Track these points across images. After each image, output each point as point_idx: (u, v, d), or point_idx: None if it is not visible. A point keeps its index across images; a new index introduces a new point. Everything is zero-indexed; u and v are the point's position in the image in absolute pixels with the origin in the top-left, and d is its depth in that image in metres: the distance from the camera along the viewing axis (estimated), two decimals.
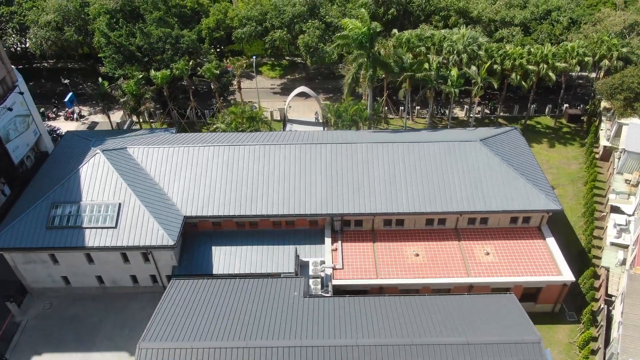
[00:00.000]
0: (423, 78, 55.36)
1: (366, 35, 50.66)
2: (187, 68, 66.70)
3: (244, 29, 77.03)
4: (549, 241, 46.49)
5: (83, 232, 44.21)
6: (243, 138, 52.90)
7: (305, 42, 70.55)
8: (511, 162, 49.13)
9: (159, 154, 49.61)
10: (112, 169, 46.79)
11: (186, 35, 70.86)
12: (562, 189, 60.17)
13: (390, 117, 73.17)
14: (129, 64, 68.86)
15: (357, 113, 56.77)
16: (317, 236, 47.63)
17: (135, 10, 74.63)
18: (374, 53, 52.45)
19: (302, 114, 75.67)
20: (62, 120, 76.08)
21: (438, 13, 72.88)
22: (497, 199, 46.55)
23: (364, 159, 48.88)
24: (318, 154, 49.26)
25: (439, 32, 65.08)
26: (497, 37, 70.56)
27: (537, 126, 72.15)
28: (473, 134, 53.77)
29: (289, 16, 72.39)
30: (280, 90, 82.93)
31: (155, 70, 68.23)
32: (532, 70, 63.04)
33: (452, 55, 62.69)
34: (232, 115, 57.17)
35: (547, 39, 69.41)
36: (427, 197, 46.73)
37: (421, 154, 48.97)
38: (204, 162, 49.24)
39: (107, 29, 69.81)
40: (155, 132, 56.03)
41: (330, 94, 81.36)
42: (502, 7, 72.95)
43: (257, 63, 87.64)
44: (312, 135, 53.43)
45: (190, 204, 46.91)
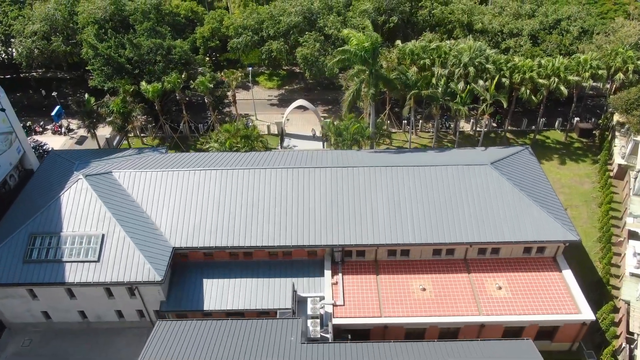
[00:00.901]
0: (429, 95, 52.07)
1: (369, 51, 47.36)
2: (179, 81, 63.33)
3: (240, 38, 73.70)
4: (566, 274, 43.19)
5: (63, 266, 40.90)
6: (237, 160, 49.60)
7: (303, 55, 67.18)
8: (524, 187, 45.83)
9: (146, 178, 46.27)
10: (95, 196, 43.48)
11: (178, 46, 67.50)
12: (576, 211, 56.87)
13: (393, 131, 69.91)
14: (118, 77, 65.52)
15: (359, 132, 53.46)
16: (316, 267, 44.32)
17: (125, 19, 71.28)
18: (377, 69, 49.13)
19: (301, 128, 72.38)
20: (49, 134, 72.73)
21: (443, 25, 69.51)
22: (510, 228, 43.24)
23: (366, 184, 45.58)
24: (317, 179, 45.94)
25: (445, 43, 61.74)
26: (503, 48, 67.20)
27: (546, 141, 68.84)
28: (482, 155, 50.48)
29: (284, 26, 69.01)
30: (278, 101, 79.60)
31: (147, 83, 64.95)
32: (542, 84, 59.72)
33: (457, 69, 59.36)
34: (226, 133, 53.83)
35: (557, 50, 66.06)
36: (434, 226, 43.43)
37: (427, 179, 45.66)
38: (194, 187, 45.91)
39: (96, 39, 66.44)
40: (144, 152, 52.69)
41: (329, 105, 78.06)
42: (509, 18, 69.54)
43: (253, 72, 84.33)
44: (310, 157, 50.11)
45: (180, 234, 43.59)
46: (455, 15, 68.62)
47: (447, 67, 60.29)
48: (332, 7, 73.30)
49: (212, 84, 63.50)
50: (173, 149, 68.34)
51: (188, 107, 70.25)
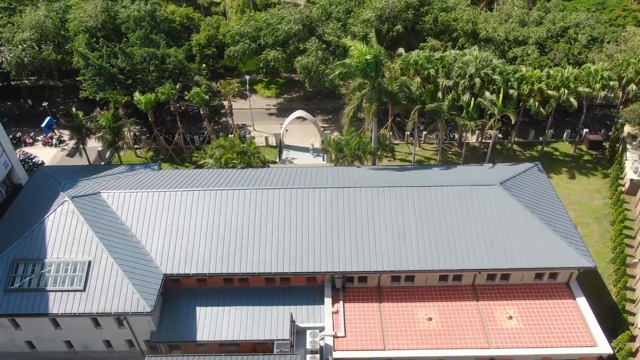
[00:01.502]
0: (434, 110, 49.65)
1: (371, 64, 44.92)
2: (173, 92, 60.90)
3: (237, 46, 71.22)
4: (580, 302, 40.79)
5: (46, 296, 38.49)
6: (232, 179, 47.22)
7: (303, 65, 64.67)
8: (535, 209, 43.41)
9: (136, 199, 43.83)
10: (81, 219, 41.06)
11: (172, 54, 65.04)
12: (587, 229, 54.47)
13: (396, 142, 67.48)
14: (110, 87, 63.05)
15: (360, 147, 51.05)
16: (315, 294, 41.93)
17: (117, 27, 68.82)
18: (380, 82, 46.70)
19: (300, 139, 69.94)
20: (40, 145, 70.29)
21: (447, 33, 67.02)
22: (521, 253, 40.82)
23: (368, 206, 43.15)
24: (316, 200, 43.51)
25: (449, 53, 59.28)
26: (510, 56, 64.73)
27: (554, 153, 66.41)
28: (490, 173, 48.07)
29: (282, 35, 66.53)
30: (276, 111, 77.14)
31: (140, 93, 62.50)
32: (552, 95, 57.30)
33: (463, 80, 56.92)
34: (221, 149, 51.39)
35: (565, 59, 63.61)
36: (441, 251, 41.01)
37: (433, 200, 43.23)
38: (187, 209, 43.48)
39: (87, 49, 64.05)
40: (136, 169, 50.27)
41: (329, 114, 75.61)
42: (515, 25, 67.06)
43: (251, 80, 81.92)
44: (309, 175, 47.66)
45: (171, 260, 41.16)
46: (460, 24, 66.13)
47: (452, 78, 57.88)
48: (331, 14, 70.88)
49: (208, 95, 61.02)
50: (167, 162, 65.99)
51: (183, 117, 67.85)
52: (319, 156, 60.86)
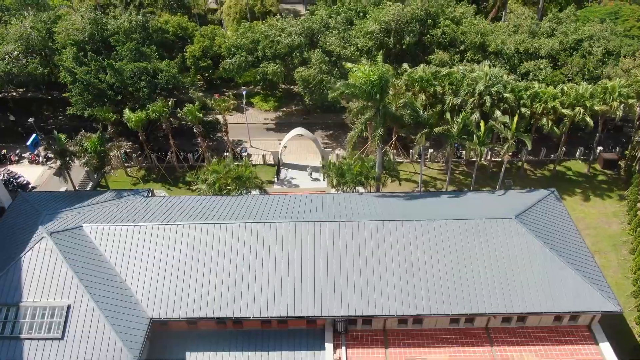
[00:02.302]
0: (443, 133, 46.32)
1: (376, 86, 41.58)
2: (165, 110, 57.56)
3: (233, 59, 67.86)
4: (603, 347, 37.41)
5: (21, 345, 35.11)
6: (226, 208, 43.85)
7: (304, 77, 61.27)
8: (555, 244, 40.02)
9: (121, 234, 40.43)
10: (60, 258, 37.65)
11: (165, 69, 61.66)
12: (604, 258, 51.14)
13: (400, 160, 64.12)
14: (99, 104, 59.74)
15: (364, 171, 47.71)
16: (316, 339, 38.50)
17: (107, 40, 65.42)
18: (385, 105, 43.33)
19: (299, 156, 66.62)
20: (26, 164, 66.93)
21: (455, 46, 63.63)
22: (539, 296, 37.42)
23: (373, 241, 39.74)
24: (316, 236, 40.08)
25: (457, 69, 55.95)
26: (521, 71, 61.39)
27: (567, 173, 63.08)
28: (503, 202, 44.71)
29: (284, 48, 63.12)
30: (275, 125, 73.77)
31: (130, 110, 59.24)
32: (566, 114, 53.99)
33: (472, 98, 53.61)
34: (215, 175, 48.03)
35: (580, 75, 60.24)
36: (452, 292, 37.60)
37: (444, 235, 39.83)
38: (177, 245, 40.06)
39: (75, 63, 60.70)
40: (124, 196, 46.88)
41: (330, 130, 72.27)
42: (525, 37, 63.67)
43: (248, 92, 78.59)
44: (308, 204, 44.24)
45: (159, 302, 37.74)
46: (468, 37, 62.73)
47: (460, 96, 54.57)
48: (329, 25, 67.48)
49: (202, 113, 57.68)
50: (159, 182, 62.69)
51: (177, 133, 64.38)
52: (318, 180, 57.54)
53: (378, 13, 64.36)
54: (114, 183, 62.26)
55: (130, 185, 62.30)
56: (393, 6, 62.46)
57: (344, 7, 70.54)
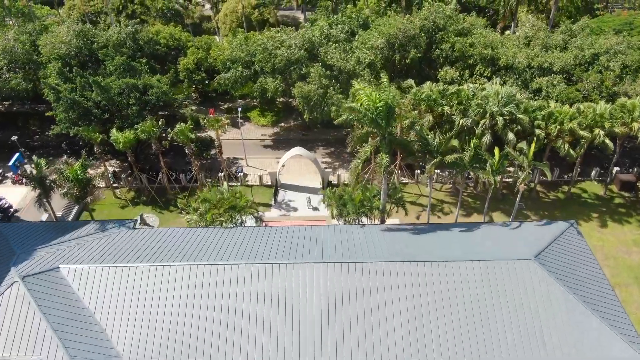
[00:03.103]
0: (453, 163, 42.76)
1: (382, 112, 37.99)
2: (154, 130, 53.99)
3: (228, 74, 64.25)
4: None
5: None
6: (217, 244, 40.27)
7: (303, 93, 57.67)
8: (578, 288, 36.43)
9: (102, 276, 36.83)
10: (33, 306, 34.11)
11: (155, 85, 58.04)
12: (625, 291, 47.60)
13: (404, 181, 60.59)
14: (85, 123, 56.13)
15: (367, 202, 44.15)
16: None
17: (94, 53, 61.78)
18: (391, 132, 39.73)
19: (298, 176, 63.01)
20: (9, 184, 63.31)
21: (463, 60, 59.97)
22: (562, 347, 33.89)
23: (379, 285, 36.11)
24: (316, 278, 36.46)
25: (467, 87, 52.36)
26: (534, 88, 57.78)
27: (582, 195, 59.50)
28: (519, 237, 41.06)
29: (282, 62, 59.48)
30: (272, 142, 70.16)
31: (119, 129, 55.72)
32: (584, 137, 50.42)
33: (483, 119, 50.06)
34: (206, 204, 44.45)
35: (597, 91, 56.62)
36: (466, 343, 34.08)
37: (456, 278, 36.23)
38: (162, 288, 36.41)
39: (59, 78, 57.12)
40: (108, 229, 43.21)
41: (331, 147, 68.68)
42: (537, 50, 60.04)
43: (245, 105, 75.11)
44: (307, 239, 40.63)
45: (142, 355, 34.17)
46: (477, 49, 59.11)
47: (469, 116, 51.01)
48: (330, 37, 63.88)
49: (194, 133, 54.11)
50: (150, 204, 59.09)
51: (169, 150, 60.66)
52: (317, 210, 53.94)
53: (383, 25, 60.76)
54: (101, 205, 58.73)
55: (118, 208, 58.78)
56: (400, 19, 58.83)
57: (345, 17, 66.86)
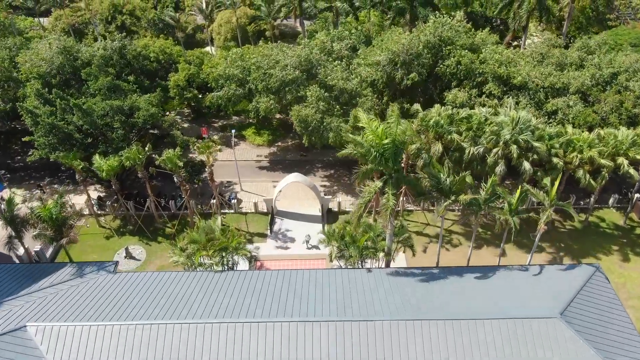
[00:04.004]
0: (468, 204, 38.72)
1: (389, 150, 34.00)
2: (140, 157, 49.96)
3: (220, 92, 60.21)
4: None
5: None
6: (206, 294, 36.26)
7: (301, 117, 53.71)
8: (606, 347, 32.51)
9: (74, 336, 32.82)
10: None
11: (143, 107, 53.93)
12: None
13: (409, 208, 56.56)
14: (65, 147, 52.09)
15: (371, 245, 40.16)
16: None
17: (78, 71, 57.66)
18: (399, 170, 35.73)
19: (295, 202, 58.89)
20: None
21: (472, 78, 55.99)
22: None
23: (385, 347, 32.16)
24: (316, 339, 32.49)
25: (479, 112, 48.39)
26: (549, 109, 53.79)
27: (601, 225, 55.52)
28: (541, 285, 37.10)
29: (276, 82, 55.45)
30: (269, 163, 66.06)
31: (102, 155, 51.72)
32: (606, 166, 46.51)
33: (496, 148, 46.12)
34: (194, 245, 40.40)
35: (615, 114, 52.61)
36: None
37: (472, 340, 32.27)
38: (142, 350, 32.43)
39: (38, 99, 53.07)
40: (85, 274, 39.15)
41: (331, 169, 64.61)
42: (551, 69, 56.04)
43: (240, 122, 71.18)
44: (305, 287, 36.67)
45: None
46: (489, 66, 55.04)
47: (481, 143, 47.07)
48: (332, 52, 59.87)
49: (182, 162, 50.04)
50: (137, 235, 55.01)
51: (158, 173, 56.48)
52: (317, 248, 49.90)
53: (387, 41, 56.80)
54: (84, 236, 54.69)
55: (102, 238, 54.68)
56: (404, 35, 54.88)
57: (346, 32, 62.87)
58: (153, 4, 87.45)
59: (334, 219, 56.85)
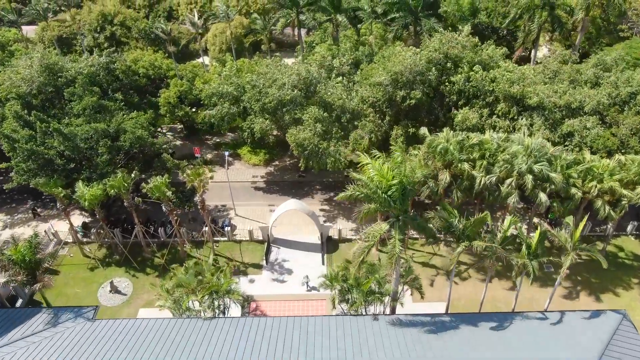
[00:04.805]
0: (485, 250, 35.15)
1: (397, 192, 30.50)
2: (125, 185, 46.41)
3: (213, 111, 56.67)
4: None
5: None
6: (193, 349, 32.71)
7: (298, 141, 50.23)
8: None
9: None
10: None
11: (129, 129, 50.32)
12: None
13: (414, 236, 53.03)
14: (46, 173, 48.55)
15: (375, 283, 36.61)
16: None
17: (61, 89, 54.03)
18: (406, 211, 32.23)
19: (293, 229, 55.34)
20: None
21: (481, 97, 52.49)
22: None
23: None
24: None
25: (491, 138, 44.87)
26: (564, 132, 50.28)
27: (619, 255, 52.06)
28: (563, 337, 33.64)
29: (273, 102, 51.92)
30: (265, 184, 62.47)
31: (86, 181, 48.23)
32: (628, 197, 43.08)
33: (510, 178, 42.65)
34: (181, 289, 36.82)
35: (636, 138, 49.17)
36: None
37: None
38: None
39: (17, 122, 49.50)
40: (60, 323, 35.51)
41: (331, 192, 60.92)
42: (565, 87, 52.54)
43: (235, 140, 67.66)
44: (304, 339, 33.19)
45: None
46: (500, 85, 51.47)
47: (494, 172, 43.58)
48: (332, 69, 56.32)
49: (172, 190, 46.50)
50: (123, 266, 51.45)
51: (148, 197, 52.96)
52: (316, 290, 46.25)
53: (388, 57, 53.31)
54: (66, 267, 51.28)
55: (86, 270, 51.12)
56: (406, 52, 51.35)
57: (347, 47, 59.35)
58: (145, 13, 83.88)
59: (334, 248, 53.39)
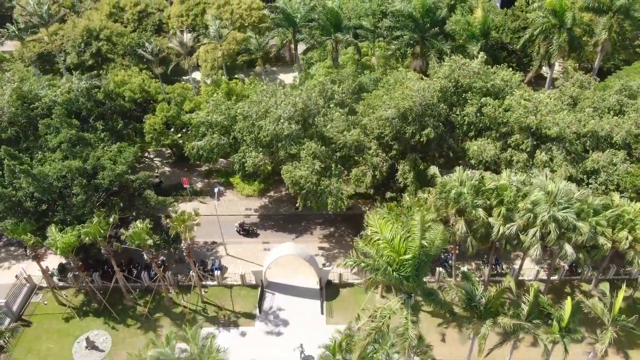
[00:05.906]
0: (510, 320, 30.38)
1: (410, 267, 25.80)
2: (102, 231, 41.69)
3: (202, 142, 51.94)
4: None
5: None
6: None
7: (293, 179, 45.56)
8: None
9: None
10: None
11: (108, 167, 45.50)
12: None
13: None
14: (15, 216, 43.86)
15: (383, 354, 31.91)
16: None
17: (34, 120, 49.29)
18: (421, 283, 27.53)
19: (290, 271, 50.54)
20: None
21: (495, 129, 47.78)
22: None
23: None
24: None
25: (510, 182, 40.15)
26: (589, 168, 45.54)
27: None
28: None
29: (268, 136, 47.19)
30: (259, 218, 57.63)
31: (61, 223, 43.60)
32: None
33: (533, 228, 37.96)
34: None
35: None
36: None
37: None
38: None
39: None
40: None
41: (330, 227, 56.08)
42: (586, 115, 47.87)
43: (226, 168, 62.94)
44: None
45: None
46: (514, 115, 46.73)
47: (514, 220, 38.91)
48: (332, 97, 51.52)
49: (152, 240, 41.70)
50: (101, 316, 46.80)
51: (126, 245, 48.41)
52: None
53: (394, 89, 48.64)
54: (39, 317, 46.70)
55: (60, 321, 46.46)
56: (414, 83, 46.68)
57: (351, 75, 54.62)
58: (133, 27, 79.10)
59: (334, 293, 48.70)
